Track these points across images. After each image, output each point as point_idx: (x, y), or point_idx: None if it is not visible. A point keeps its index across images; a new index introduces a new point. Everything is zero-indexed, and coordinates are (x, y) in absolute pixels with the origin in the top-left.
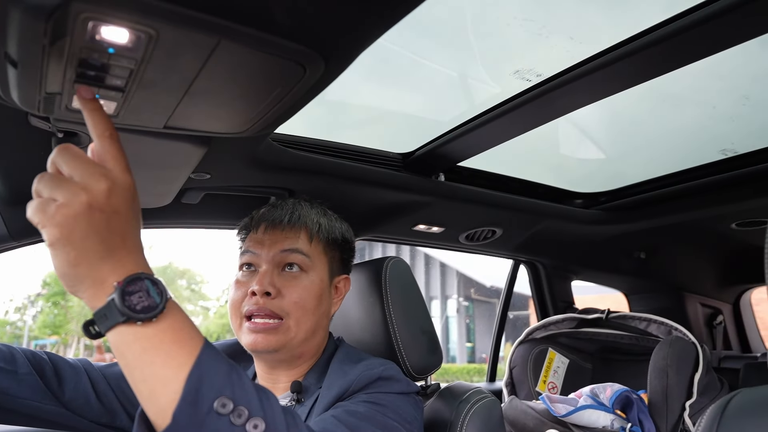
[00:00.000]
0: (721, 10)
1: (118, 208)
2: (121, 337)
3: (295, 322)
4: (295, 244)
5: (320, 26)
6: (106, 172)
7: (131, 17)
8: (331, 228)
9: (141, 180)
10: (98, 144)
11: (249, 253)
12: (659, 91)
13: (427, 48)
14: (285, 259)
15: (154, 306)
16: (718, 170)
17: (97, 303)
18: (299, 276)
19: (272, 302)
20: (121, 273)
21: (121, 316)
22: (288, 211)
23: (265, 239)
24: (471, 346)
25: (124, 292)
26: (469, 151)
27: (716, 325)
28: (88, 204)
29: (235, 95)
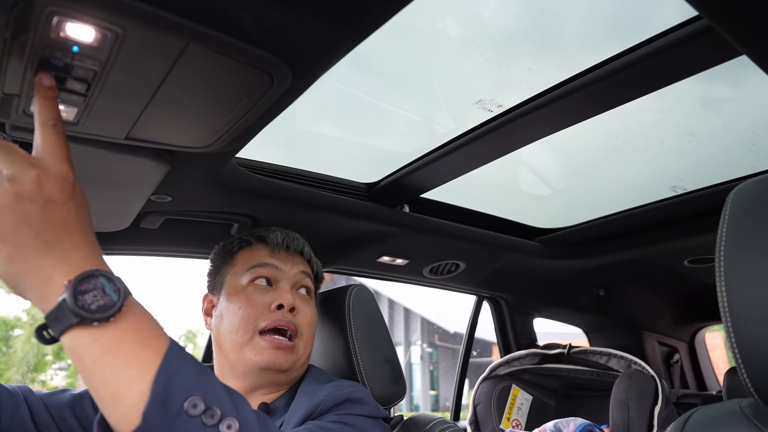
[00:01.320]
0: (666, 45)
1: (51, 197)
2: (77, 340)
3: (304, 343)
4: (308, 269)
5: (289, 36)
6: (35, 161)
7: (98, 14)
8: (319, 267)
9: (98, 200)
10: (39, 132)
11: (270, 267)
12: (612, 127)
13: (390, 85)
14: (301, 280)
15: (111, 304)
16: (668, 207)
17: (47, 304)
18: (309, 300)
19: (295, 318)
20: (69, 270)
21: (75, 317)
22: (302, 241)
23: (288, 258)
24: (435, 393)
25: (77, 291)
26: (432, 181)
27: (673, 363)
28: (15, 194)
29: (201, 104)
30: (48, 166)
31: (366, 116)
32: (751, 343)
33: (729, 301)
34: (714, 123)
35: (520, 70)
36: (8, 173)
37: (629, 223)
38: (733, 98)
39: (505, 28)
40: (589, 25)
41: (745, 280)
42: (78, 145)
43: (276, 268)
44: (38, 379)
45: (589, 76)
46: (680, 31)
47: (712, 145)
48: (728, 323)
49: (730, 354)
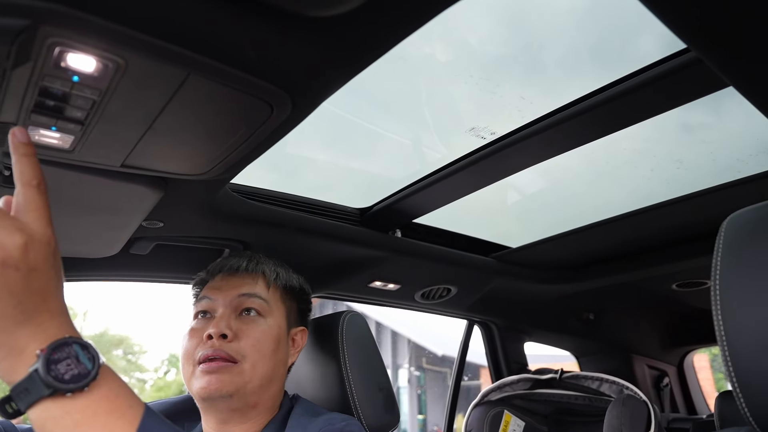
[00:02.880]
0: (653, 77)
1: (36, 265)
2: (47, 413)
3: (251, 365)
4: (252, 289)
5: (290, 66)
6: (22, 226)
7: (100, 45)
8: (289, 277)
9: (89, 226)
10: (22, 193)
11: (205, 300)
12: (601, 153)
13: (383, 111)
14: (243, 303)
15: (86, 373)
16: (657, 232)
17: (15, 376)
18: (257, 320)
19: (229, 345)
20: (44, 338)
21: (47, 388)
22: (246, 259)
23: (222, 285)
24: (423, 418)
25: (50, 360)
26: (425, 207)
27: (663, 387)
28: (1, 261)
29: (199, 133)
30: (34, 233)
31: (359, 141)
32: (749, 371)
33: (725, 328)
34: (700, 150)
35: (512, 98)
36: None
37: (618, 247)
38: (714, 125)
39: (492, 54)
40: (574, 52)
41: (741, 307)
42: (71, 172)
43: (209, 298)
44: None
45: (579, 106)
46: (666, 64)
47: (699, 172)
48: (725, 351)
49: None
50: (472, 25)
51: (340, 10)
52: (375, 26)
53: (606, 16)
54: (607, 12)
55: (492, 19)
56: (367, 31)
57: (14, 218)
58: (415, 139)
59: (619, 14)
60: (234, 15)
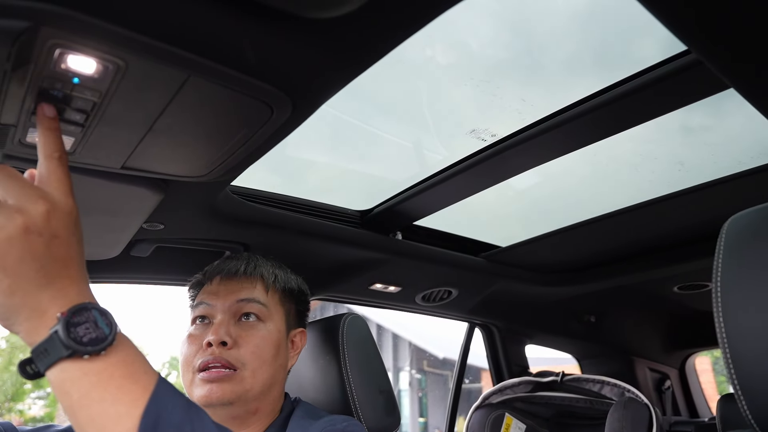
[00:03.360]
0: (654, 79)
1: (57, 232)
2: (65, 374)
3: (252, 372)
4: (251, 294)
5: (290, 68)
6: (45, 194)
7: (101, 47)
8: (287, 279)
9: (89, 228)
10: (44, 165)
11: (203, 305)
12: (600, 157)
13: (384, 113)
14: (241, 308)
15: (103, 338)
16: (658, 234)
17: (36, 337)
18: (256, 325)
19: (228, 352)
20: (64, 303)
21: (66, 349)
22: (243, 262)
23: (220, 290)
24: (424, 421)
25: (69, 323)
26: (426, 209)
27: (665, 390)
28: (24, 227)
29: (199, 135)
30: (57, 201)
31: (359, 144)
32: (750, 374)
33: (727, 331)
34: (702, 152)
35: (513, 100)
36: (17, 204)
37: (619, 250)
38: (715, 127)
39: (493, 56)
40: (575, 54)
41: (742, 309)
42: (72, 173)
43: (207, 304)
44: (16, 409)
45: (580, 108)
46: (666, 66)
47: (701, 174)
48: (727, 354)
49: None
50: (472, 27)
51: (339, 12)
52: (375, 28)
53: (607, 19)
54: (607, 14)
55: (492, 22)
56: (367, 33)
57: (37, 187)
58: (415, 142)
59: (619, 17)
60: (233, 17)
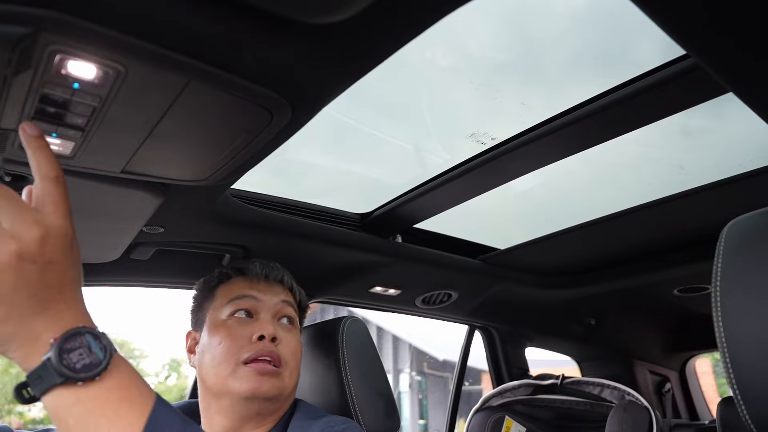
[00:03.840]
0: (654, 83)
1: (52, 258)
2: (59, 401)
3: (290, 372)
4: (289, 298)
5: (289, 73)
6: (40, 218)
7: (101, 52)
8: (302, 295)
9: (89, 231)
10: (40, 186)
11: (249, 298)
12: (601, 159)
13: (384, 117)
14: (283, 310)
15: (97, 363)
16: (658, 236)
17: (30, 363)
18: (292, 329)
19: (278, 348)
20: (58, 328)
21: (59, 376)
22: (282, 270)
23: (268, 288)
24: (424, 423)
25: (62, 349)
26: (425, 212)
27: (665, 392)
28: (18, 254)
29: (199, 139)
30: (51, 225)
31: (358, 147)
32: (750, 378)
33: (726, 335)
34: (702, 155)
35: (512, 104)
36: (11, 230)
37: (620, 252)
38: (715, 130)
39: (492, 60)
40: (575, 58)
41: (741, 313)
42: (72, 177)
43: (255, 299)
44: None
45: (580, 112)
46: (667, 69)
47: (701, 177)
48: (726, 358)
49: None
50: (471, 31)
51: (338, 18)
52: (374, 33)
53: (606, 22)
54: (608, 17)
55: (492, 26)
56: (367, 38)
57: (33, 210)
58: (415, 145)
59: (619, 20)
60: (233, 22)
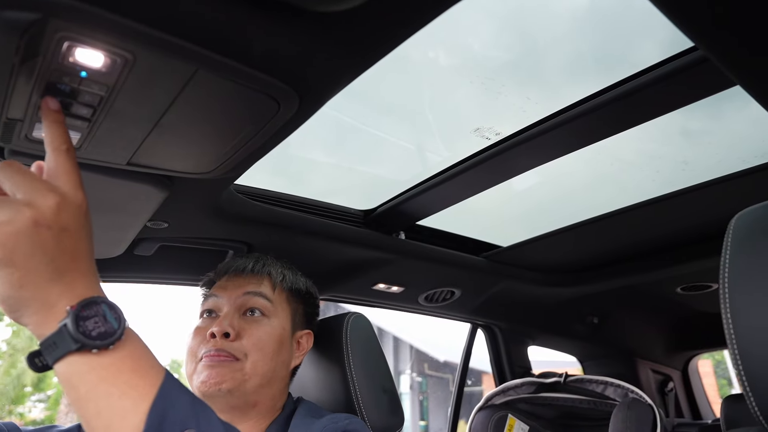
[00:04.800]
0: (657, 78)
1: (67, 225)
2: (73, 368)
3: (252, 364)
4: (257, 288)
5: (297, 62)
6: (54, 187)
7: (110, 39)
8: (296, 280)
9: (94, 226)
10: (52, 158)
11: (212, 298)
12: (606, 155)
13: (387, 113)
14: (247, 302)
15: (112, 332)
16: (661, 234)
17: (45, 330)
18: (260, 320)
19: (231, 344)
20: (73, 297)
21: (75, 343)
22: (252, 260)
23: (228, 285)
24: (425, 424)
25: (78, 316)
26: (429, 208)
27: (668, 392)
28: (33, 220)
29: (205, 130)
30: (65, 193)
31: (362, 143)
32: (759, 371)
33: (735, 328)
34: (705, 152)
35: (518, 98)
36: (26, 198)
37: (622, 250)
38: (718, 126)
39: (496, 56)
40: (579, 54)
41: (750, 306)
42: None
43: (216, 297)
44: (16, 411)
45: (584, 107)
46: (669, 64)
47: (705, 174)
48: (735, 352)
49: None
50: (475, 27)
51: (347, 6)
52: (382, 22)
53: (609, 20)
54: (610, 15)
55: (496, 22)
56: (374, 27)
57: (46, 180)
58: (418, 141)
59: (622, 17)
60: (242, 10)
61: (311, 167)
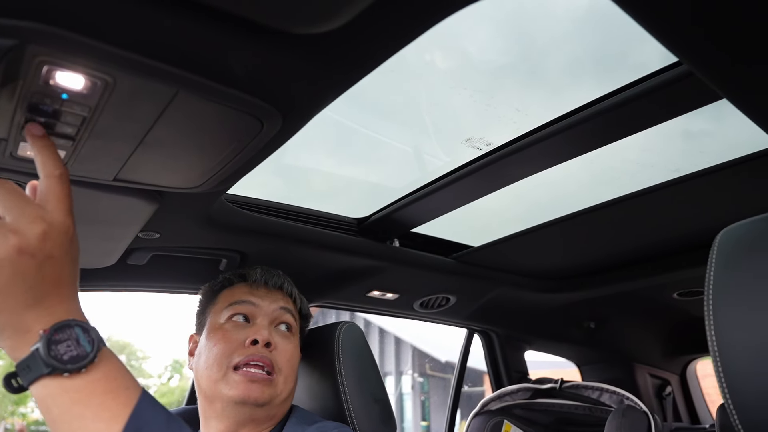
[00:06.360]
0: (651, 87)
1: (51, 253)
2: (46, 390)
3: (284, 379)
4: (289, 305)
5: (279, 82)
6: (44, 214)
7: (88, 63)
8: (304, 303)
9: (84, 237)
10: (45, 183)
11: (247, 304)
12: (597, 164)
13: (381, 119)
14: (281, 316)
15: (84, 355)
16: (657, 240)
17: (19, 354)
18: (289, 336)
19: (272, 354)
20: (49, 321)
21: (47, 367)
22: (283, 277)
23: (267, 294)
24: (426, 425)
25: (50, 341)
26: (422, 217)
27: (665, 396)
28: (18, 248)
29: (190, 148)
30: (54, 221)
31: (355, 152)
32: (741, 386)
33: (718, 343)
34: (699, 160)
35: (507, 109)
36: (13, 224)
37: (618, 256)
38: (713, 134)
39: (488, 67)
40: (571, 62)
41: (734, 321)
42: None
43: (253, 304)
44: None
45: (577, 116)
46: (666, 73)
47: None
48: (718, 366)
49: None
50: (467, 38)
51: (326, 28)
52: (362, 43)
53: (604, 26)
54: (604, 22)
55: (487, 32)
56: (355, 48)
57: (37, 206)
58: (412, 150)
59: (617, 24)
60: (220, 32)
61: (305, 175)
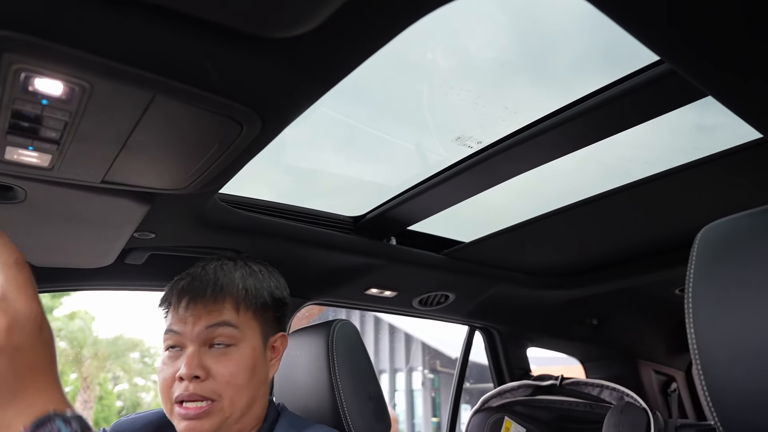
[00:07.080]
0: (648, 80)
1: (20, 345)
2: None
3: (230, 401)
4: (220, 317)
5: (256, 85)
6: (5, 307)
7: (65, 69)
8: (259, 290)
9: (80, 238)
10: (2, 273)
11: (172, 334)
12: (594, 160)
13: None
14: (211, 336)
15: None
16: (656, 236)
17: None
18: (228, 351)
19: (202, 386)
20: (30, 415)
21: None
22: (210, 282)
23: (188, 317)
24: (437, 421)
25: None
26: (418, 214)
27: (670, 392)
28: None
29: (173, 150)
30: (18, 312)
31: (350, 150)
32: (719, 384)
33: (698, 341)
34: (694, 158)
35: (496, 107)
36: None
37: (619, 252)
38: (706, 132)
39: (477, 64)
40: (564, 59)
41: (712, 321)
42: (55, 188)
43: (177, 333)
44: None
45: (568, 113)
46: (657, 68)
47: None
48: (698, 365)
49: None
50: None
51: (299, 32)
52: (337, 45)
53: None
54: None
55: (482, 30)
56: (331, 50)
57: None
58: (406, 147)
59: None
60: (195, 38)
61: (300, 173)
